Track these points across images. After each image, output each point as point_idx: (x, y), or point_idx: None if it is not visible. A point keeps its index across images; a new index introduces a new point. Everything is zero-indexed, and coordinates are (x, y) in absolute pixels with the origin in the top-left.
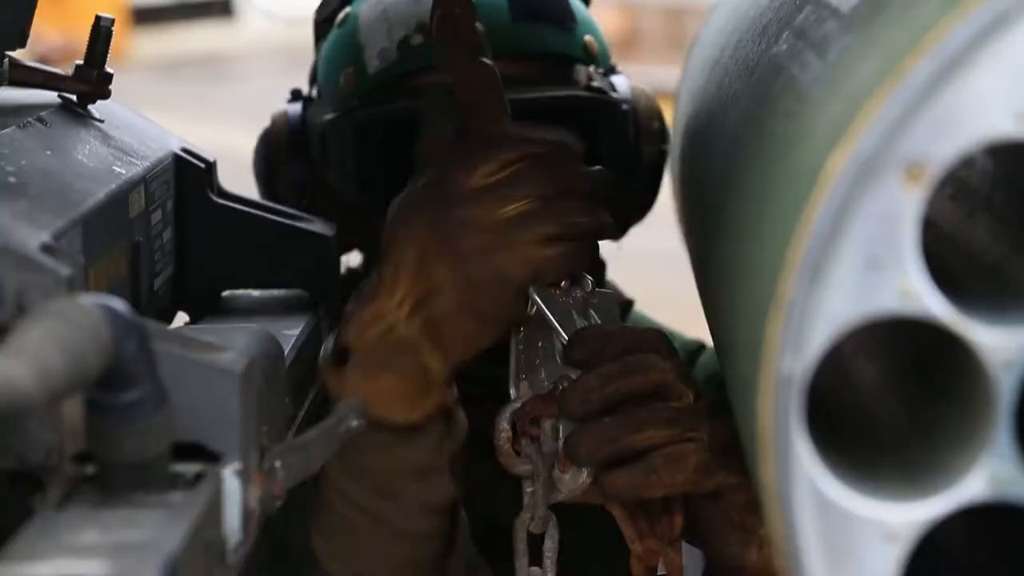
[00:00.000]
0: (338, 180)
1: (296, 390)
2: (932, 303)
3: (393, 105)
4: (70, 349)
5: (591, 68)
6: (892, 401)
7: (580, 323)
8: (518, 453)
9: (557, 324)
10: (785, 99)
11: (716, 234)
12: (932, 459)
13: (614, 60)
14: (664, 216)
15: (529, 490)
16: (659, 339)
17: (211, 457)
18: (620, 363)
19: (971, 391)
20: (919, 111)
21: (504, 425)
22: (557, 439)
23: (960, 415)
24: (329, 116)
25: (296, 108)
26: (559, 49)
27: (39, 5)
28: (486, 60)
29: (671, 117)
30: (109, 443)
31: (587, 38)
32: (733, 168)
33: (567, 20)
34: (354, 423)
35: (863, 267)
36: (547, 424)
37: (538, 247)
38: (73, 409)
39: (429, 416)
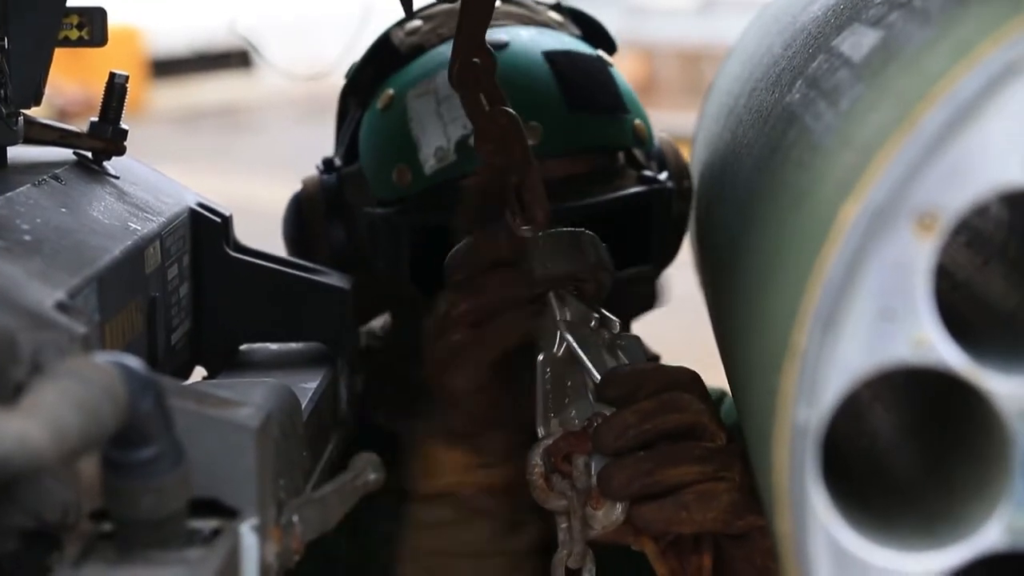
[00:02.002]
0: (387, 271)
1: (314, 443)
2: (946, 352)
3: (452, 210)
4: (85, 407)
5: (638, 152)
6: (909, 449)
7: (611, 362)
8: (551, 489)
9: (589, 363)
10: (798, 149)
11: (731, 283)
12: (949, 508)
13: None
14: (684, 261)
15: (563, 526)
16: (693, 379)
17: (228, 513)
18: (656, 401)
19: (987, 440)
20: (930, 161)
21: (537, 460)
22: (590, 476)
23: (976, 464)
24: (382, 211)
25: (331, 178)
26: (613, 142)
27: (58, 59)
28: (507, 108)
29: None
30: (125, 500)
31: (636, 123)
32: (747, 218)
33: (619, 110)
34: (371, 477)
35: (876, 317)
36: (580, 461)
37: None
38: (90, 467)
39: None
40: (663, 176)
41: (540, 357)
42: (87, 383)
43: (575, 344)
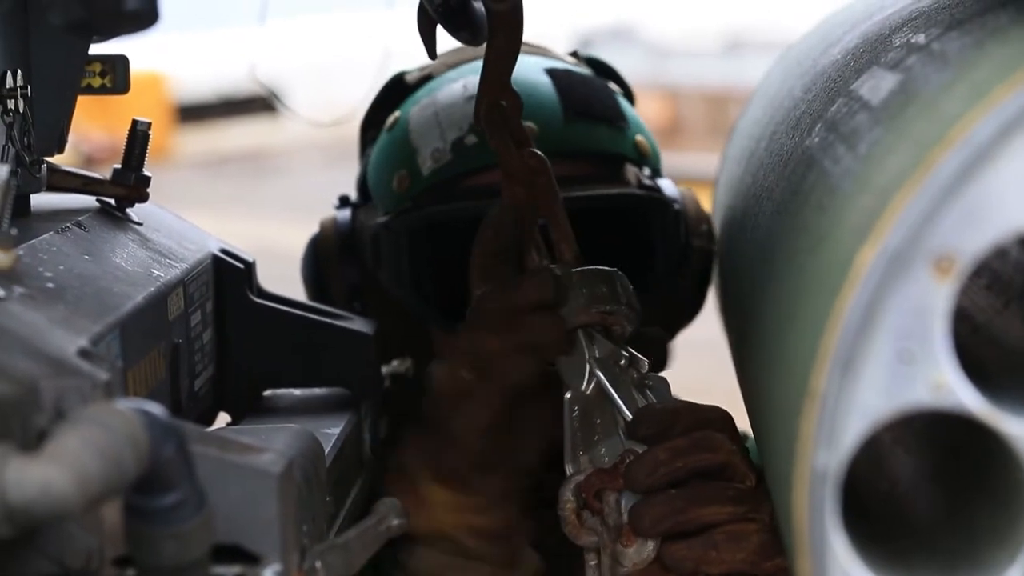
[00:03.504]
0: (391, 281)
1: (337, 488)
2: (965, 396)
3: (449, 206)
4: (108, 454)
5: (642, 168)
6: (930, 493)
7: (641, 401)
8: (582, 525)
9: (620, 401)
10: (817, 192)
11: (752, 327)
12: (971, 552)
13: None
14: (707, 305)
15: (593, 563)
16: (724, 418)
17: (251, 559)
18: (688, 439)
19: (1007, 484)
20: (947, 204)
21: (568, 496)
22: (621, 513)
23: (997, 507)
24: (382, 218)
25: (345, 214)
26: (611, 148)
27: (85, 105)
28: (536, 151)
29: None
30: (148, 547)
31: (638, 138)
32: (767, 261)
33: (619, 120)
34: (395, 522)
35: (895, 360)
36: (611, 497)
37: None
38: (113, 513)
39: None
40: (669, 194)
41: (568, 395)
42: (109, 430)
43: (606, 382)
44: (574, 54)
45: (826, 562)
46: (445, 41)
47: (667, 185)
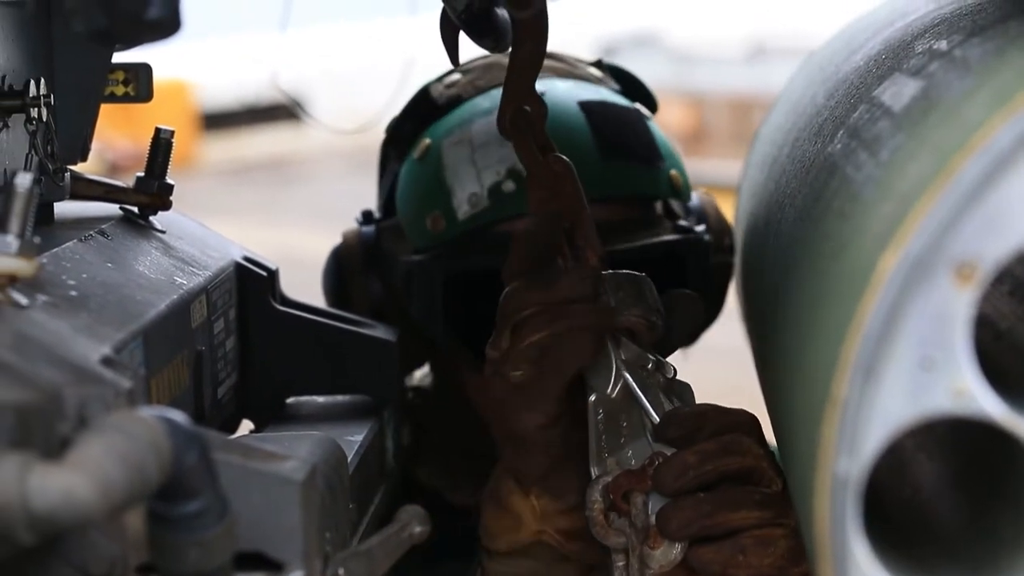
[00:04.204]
0: (423, 318)
1: (360, 495)
2: (986, 403)
3: (485, 255)
4: (130, 462)
5: (675, 203)
6: (953, 499)
7: (668, 405)
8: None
9: (648, 404)
10: (839, 199)
11: (774, 333)
12: (993, 559)
13: (682, 155)
14: (730, 311)
15: (620, 564)
16: (752, 422)
17: (274, 566)
18: (717, 442)
19: None
20: (968, 210)
21: (596, 496)
22: (648, 515)
23: (1020, 513)
24: (417, 257)
25: (370, 230)
26: (647, 190)
27: (109, 113)
28: (561, 155)
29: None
30: (171, 554)
31: (672, 173)
32: (790, 268)
33: (654, 159)
34: (417, 529)
35: (916, 367)
36: (639, 499)
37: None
38: (136, 520)
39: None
40: (700, 228)
41: (592, 397)
42: (132, 437)
43: (634, 384)
44: (598, 64)
45: (847, 569)
46: (468, 48)
47: (695, 201)
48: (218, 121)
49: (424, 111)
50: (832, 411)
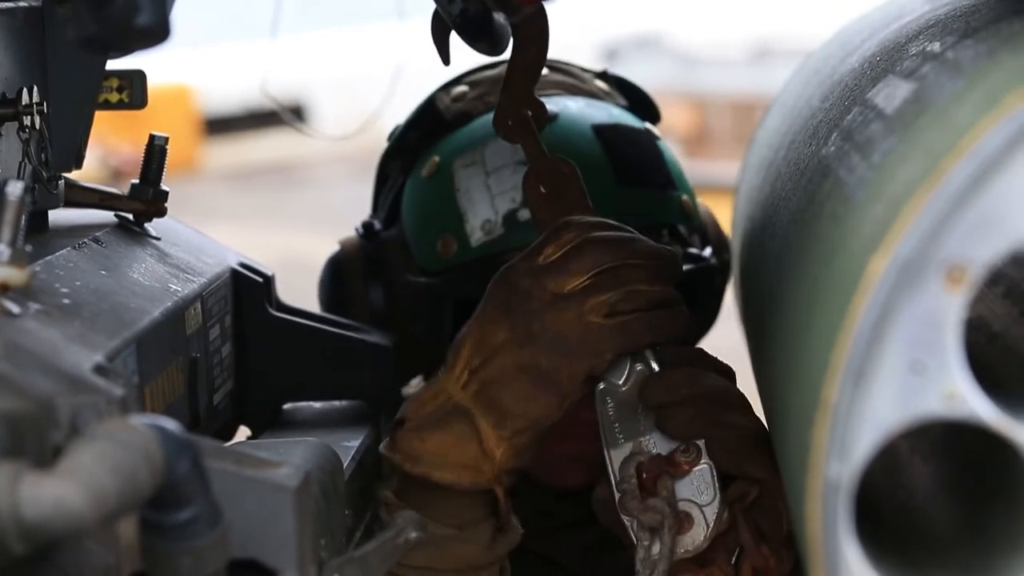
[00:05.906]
0: (427, 337)
1: (356, 501)
2: (978, 406)
3: None
4: (122, 470)
5: (685, 228)
6: (946, 502)
7: None
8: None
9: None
10: (832, 202)
11: (768, 337)
12: (987, 562)
13: (685, 156)
14: (730, 312)
15: (645, 543)
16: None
17: (268, 573)
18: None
19: (1023, 493)
20: (958, 213)
21: (631, 471)
22: (675, 498)
23: (1013, 517)
24: (426, 280)
25: (370, 243)
26: (661, 218)
27: (112, 119)
28: (566, 158)
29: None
30: (164, 563)
31: (683, 199)
32: (784, 271)
33: (667, 185)
34: (413, 535)
35: (907, 371)
36: (669, 482)
37: (595, 316)
38: (129, 529)
39: (478, 488)
40: (707, 252)
41: (601, 386)
42: (124, 446)
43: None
44: (603, 75)
45: (839, 572)
46: (466, 51)
47: (702, 213)
48: (221, 126)
49: (430, 124)
50: (823, 415)
